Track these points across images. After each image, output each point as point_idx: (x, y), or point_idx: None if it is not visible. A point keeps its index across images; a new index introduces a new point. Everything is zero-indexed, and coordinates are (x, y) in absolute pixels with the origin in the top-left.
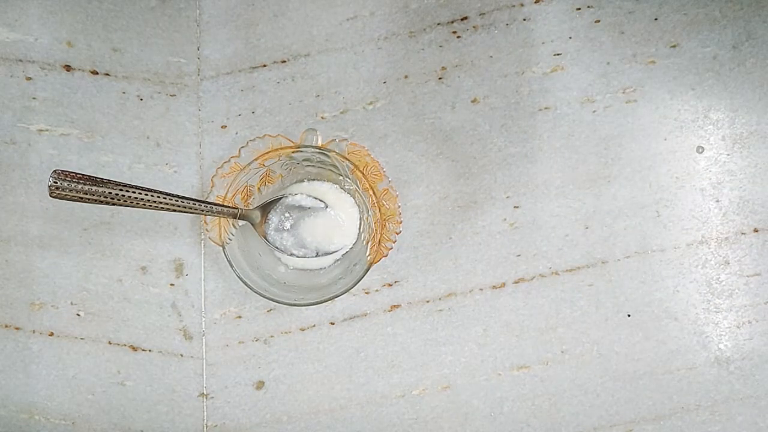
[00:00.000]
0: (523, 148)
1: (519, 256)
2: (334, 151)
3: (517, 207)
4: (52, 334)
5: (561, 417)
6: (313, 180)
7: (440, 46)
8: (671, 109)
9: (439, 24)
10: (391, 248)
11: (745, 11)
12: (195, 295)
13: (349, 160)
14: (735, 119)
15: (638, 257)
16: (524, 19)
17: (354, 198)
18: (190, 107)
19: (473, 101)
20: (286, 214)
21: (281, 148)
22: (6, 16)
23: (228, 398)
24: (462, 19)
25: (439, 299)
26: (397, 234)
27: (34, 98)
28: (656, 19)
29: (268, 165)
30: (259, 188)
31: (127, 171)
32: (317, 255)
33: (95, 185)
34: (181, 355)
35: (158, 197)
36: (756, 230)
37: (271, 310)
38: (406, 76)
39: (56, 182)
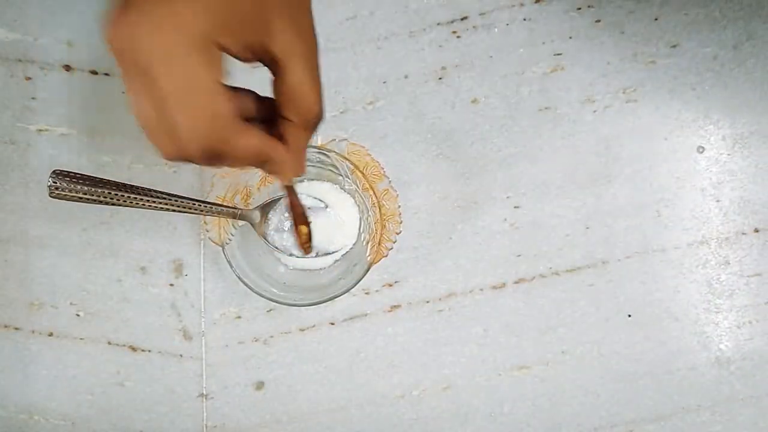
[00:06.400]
0: (523, 148)
1: (519, 256)
2: (334, 151)
3: (518, 207)
4: (51, 335)
5: (561, 417)
6: (313, 180)
7: (440, 46)
8: (672, 109)
9: (439, 24)
10: (391, 248)
11: (745, 11)
12: (194, 295)
13: (349, 160)
14: (735, 119)
15: (639, 257)
16: (524, 19)
17: (354, 198)
18: None
19: (473, 101)
20: (286, 214)
21: None
22: (6, 16)
23: (228, 399)
24: (462, 19)
25: (440, 299)
26: (397, 234)
27: (33, 98)
28: (657, 19)
29: None
30: (258, 188)
31: (127, 171)
32: (317, 255)
33: (95, 185)
34: (181, 356)
35: (158, 197)
36: (756, 230)
37: (270, 310)
38: (406, 76)
39: (56, 182)
